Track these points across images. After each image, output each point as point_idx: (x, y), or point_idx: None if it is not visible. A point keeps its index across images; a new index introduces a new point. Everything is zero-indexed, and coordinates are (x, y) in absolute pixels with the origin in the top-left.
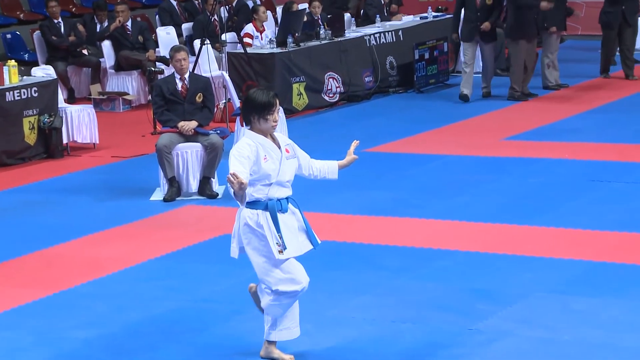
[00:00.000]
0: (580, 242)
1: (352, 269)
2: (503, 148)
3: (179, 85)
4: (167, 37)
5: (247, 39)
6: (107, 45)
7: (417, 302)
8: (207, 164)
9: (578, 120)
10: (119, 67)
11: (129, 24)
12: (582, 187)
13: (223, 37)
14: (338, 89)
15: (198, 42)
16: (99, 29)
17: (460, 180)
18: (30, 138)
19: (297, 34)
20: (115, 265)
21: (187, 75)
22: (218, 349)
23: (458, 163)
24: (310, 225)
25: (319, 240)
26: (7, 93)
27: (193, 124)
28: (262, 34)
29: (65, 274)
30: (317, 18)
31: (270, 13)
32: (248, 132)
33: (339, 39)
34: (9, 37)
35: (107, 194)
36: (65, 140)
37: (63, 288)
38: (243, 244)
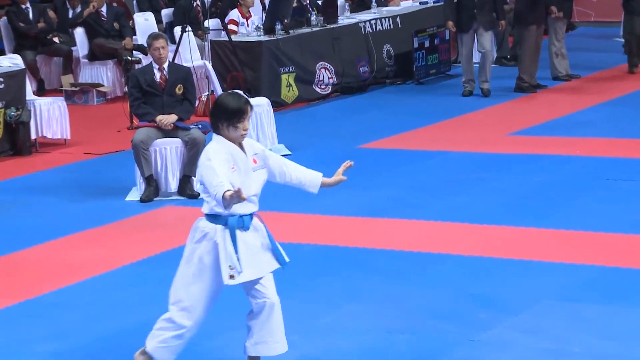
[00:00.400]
0: (591, 245)
1: (343, 275)
2: (508, 144)
3: (157, 76)
4: (145, 23)
5: (231, 26)
6: (80, 33)
7: (414, 310)
8: (187, 161)
9: (589, 114)
10: (93, 56)
11: (104, 10)
12: (592, 185)
13: (206, 23)
14: (331, 80)
15: (179, 29)
16: (72, 15)
17: (461, 179)
18: None
19: (286, 21)
20: (87, 272)
21: (166, 65)
22: None
23: (459, 160)
24: (277, 242)
25: (287, 259)
26: None
27: (172, 118)
28: (248, 21)
29: (32, 281)
30: (307, 3)
31: None
32: (217, 137)
33: (332, 26)
34: None
35: (78, 194)
36: (34, 136)
37: (29, 297)
38: (191, 240)
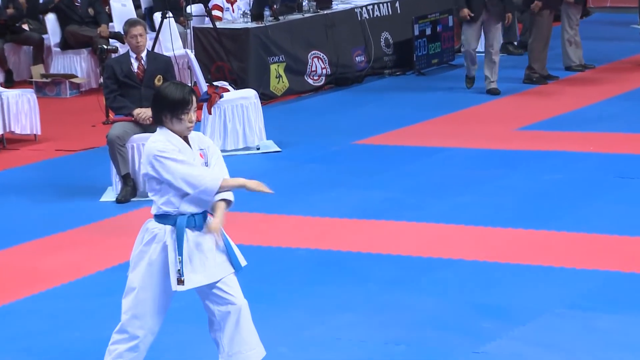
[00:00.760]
0: (605, 249)
1: (335, 281)
2: (516, 139)
3: (135, 66)
4: (122, 9)
5: (216, 12)
6: (51, 20)
7: (413, 320)
8: None
9: (605, 107)
10: (66, 44)
11: None
12: (607, 184)
13: (188, 9)
14: (324, 71)
15: (159, 15)
16: (42, 0)
17: (465, 177)
18: None
19: (275, 6)
20: (57, 278)
21: (144, 54)
22: None
23: (463, 157)
24: (233, 244)
25: (243, 262)
26: None
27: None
28: (233, 6)
29: None
30: None
31: None
32: (162, 129)
33: (325, 12)
34: None
35: (49, 194)
36: (1, 131)
37: None
38: (140, 243)
